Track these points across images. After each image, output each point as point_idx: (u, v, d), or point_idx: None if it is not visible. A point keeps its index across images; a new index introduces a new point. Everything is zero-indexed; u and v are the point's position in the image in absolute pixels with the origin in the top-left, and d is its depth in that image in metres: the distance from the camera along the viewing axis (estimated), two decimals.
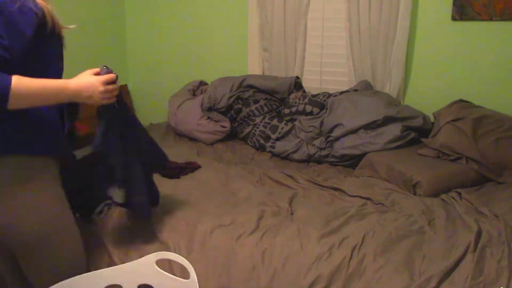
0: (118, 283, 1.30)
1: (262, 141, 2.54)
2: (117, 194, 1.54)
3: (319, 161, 2.39)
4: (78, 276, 1.24)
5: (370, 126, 2.28)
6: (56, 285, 1.21)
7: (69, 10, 2.92)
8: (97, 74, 1.32)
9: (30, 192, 1.27)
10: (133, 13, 3.43)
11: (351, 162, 2.28)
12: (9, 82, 1.10)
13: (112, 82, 1.33)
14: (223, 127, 2.67)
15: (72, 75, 1.32)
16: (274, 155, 2.50)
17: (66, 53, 1.41)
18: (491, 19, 2.32)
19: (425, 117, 2.33)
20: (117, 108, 1.43)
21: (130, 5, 3.42)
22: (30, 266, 1.36)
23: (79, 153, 1.99)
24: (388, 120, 2.26)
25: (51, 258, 1.36)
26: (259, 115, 2.63)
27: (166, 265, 1.52)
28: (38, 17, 1.22)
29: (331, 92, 2.61)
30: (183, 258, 1.27)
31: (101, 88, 1.28)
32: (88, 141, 1.55)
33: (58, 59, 1.37)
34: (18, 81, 1.12)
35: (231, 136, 2.74)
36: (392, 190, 1.91)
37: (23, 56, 1.19)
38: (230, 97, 2.71)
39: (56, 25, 1.29)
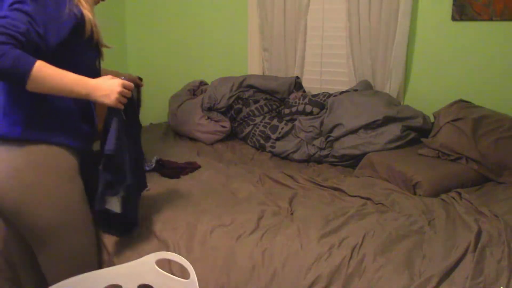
0: (118, 283, 1.30)
1: (262, 141, 2.54)
2: (115, 204, 1.47)
3: (319, 161, 2.38)
4: (78, 276, 1.24)
5: (370, 126, 2.28)
6: (55, 285, 1.21)
7: None
8: None
9: (53, 179, 1.35)
10: (133, 13, 3.43)
11: (351, 162, 2.28)
12: (33, 63, 1.16)
13: (129, 89, 1.39)
14: (223, 127, 2.67)
15: None
16: (274, 155, 2.50)
17: None
18: (491, 19, 2.32)
19: (425, 117, 2.33)
20: (124, 118, 1.44)
21: (130, 5, 3.42)
22: (44, 254, 1.42)
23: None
24: (388, 120, 2.26)
25: (65, 249, 1.42)
26: (259, 115, 2.63)
27: (166, 265, 1.52)
28: (77, 20, 1.30)
29: (331, 92, 2.61)
30: (183, 258, 1.27)
31: (119, 88, 1.32)
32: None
33: (90, 70, 1.41)
34: (42, 64, 1.18)
35: (231, 136, 2.74)
36: (392, 190, 1.91)
37: (54, 52, 1.26)
38: (230, 97, 2.71)
39: (95, 36, 1.37)
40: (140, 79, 2.00)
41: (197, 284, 1.22)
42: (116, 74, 1.73)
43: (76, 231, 1.43)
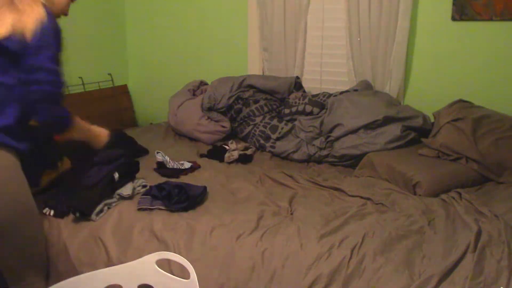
0: (118, 283, 1.30)
1: (262, 141, 2.54)
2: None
3: (319, 161, 2.38)
4: (78, 276, 1.24)
5: (370, 126, 2.28)
6: (55, 285, 1.21)
7: (69, 10, 2.91)
8: None
9: (4, 175, 1.46)
10: (133, 13, 3.43)
11: (351, 162, 2.28)
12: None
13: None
14: (223, 127, 2.67)
15: (75, 75, 1.32)
16: (274, 155, 2.50)
17: (66, 54, 1.42)
18: (491, 19, 2.32)
19: (425, 117, 2.33)
20: None
21: (130, 5, 3.42)
22: None
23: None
24: (388, 120, 2.26)
25: (18, 239, 1.53)
26: (259, 115, 2.63)
27: (166, 265, 1.52)
28: None
29: (331, 92, 2.61)
30: (183, 258, 1.27)
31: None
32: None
33: None
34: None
35: (231, 136, 2.74)
36: (392, 190, 1.91)
37: None
38: (230, 97, 2.71)
39: None
40: None
41: (197, 284, 1.22)
42: None
43: (28, 220, 1.54)
